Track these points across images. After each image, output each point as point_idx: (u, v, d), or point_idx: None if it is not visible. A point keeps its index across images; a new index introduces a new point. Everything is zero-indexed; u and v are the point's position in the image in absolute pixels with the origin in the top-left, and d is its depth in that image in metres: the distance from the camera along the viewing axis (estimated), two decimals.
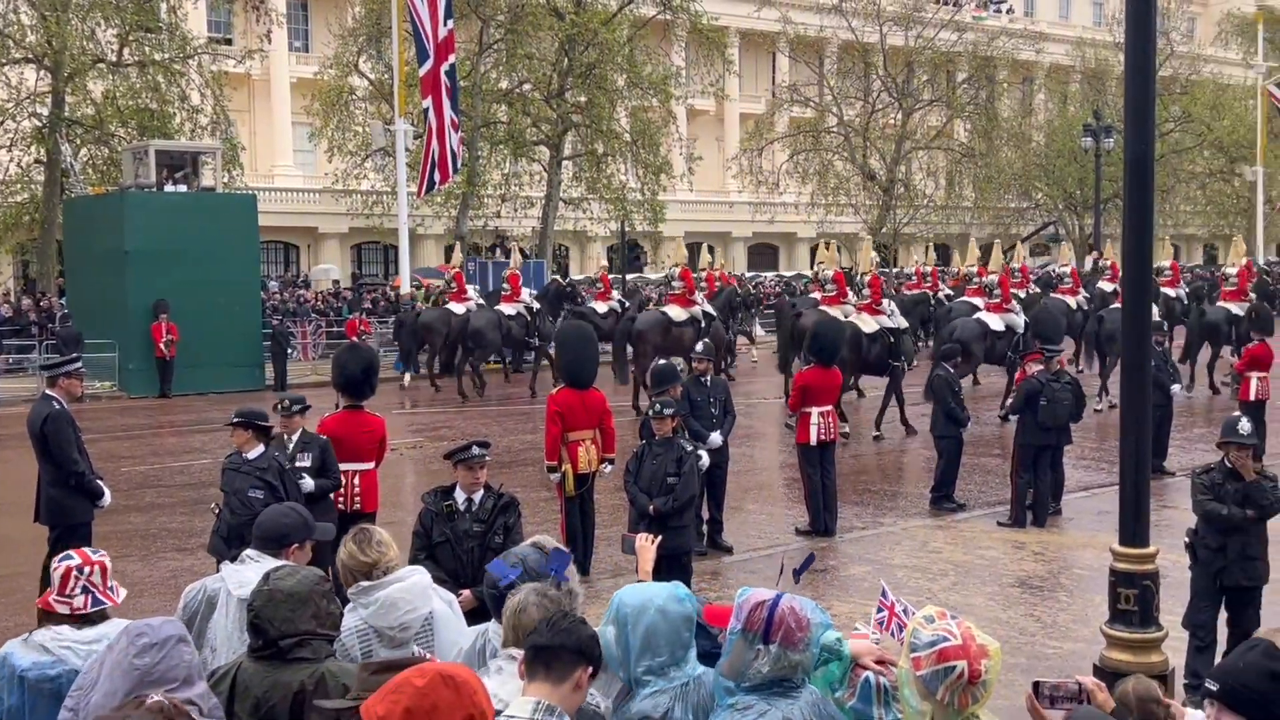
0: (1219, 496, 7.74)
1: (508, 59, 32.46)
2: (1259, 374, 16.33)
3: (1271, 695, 3.42)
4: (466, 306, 25.23)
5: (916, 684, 3.33)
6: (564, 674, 3.18)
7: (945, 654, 3.28)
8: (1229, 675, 3.53)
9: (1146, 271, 5.54)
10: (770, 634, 3.35)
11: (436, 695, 2.72)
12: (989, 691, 3.36)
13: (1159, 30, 56.37)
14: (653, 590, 3.72)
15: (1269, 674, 3.43)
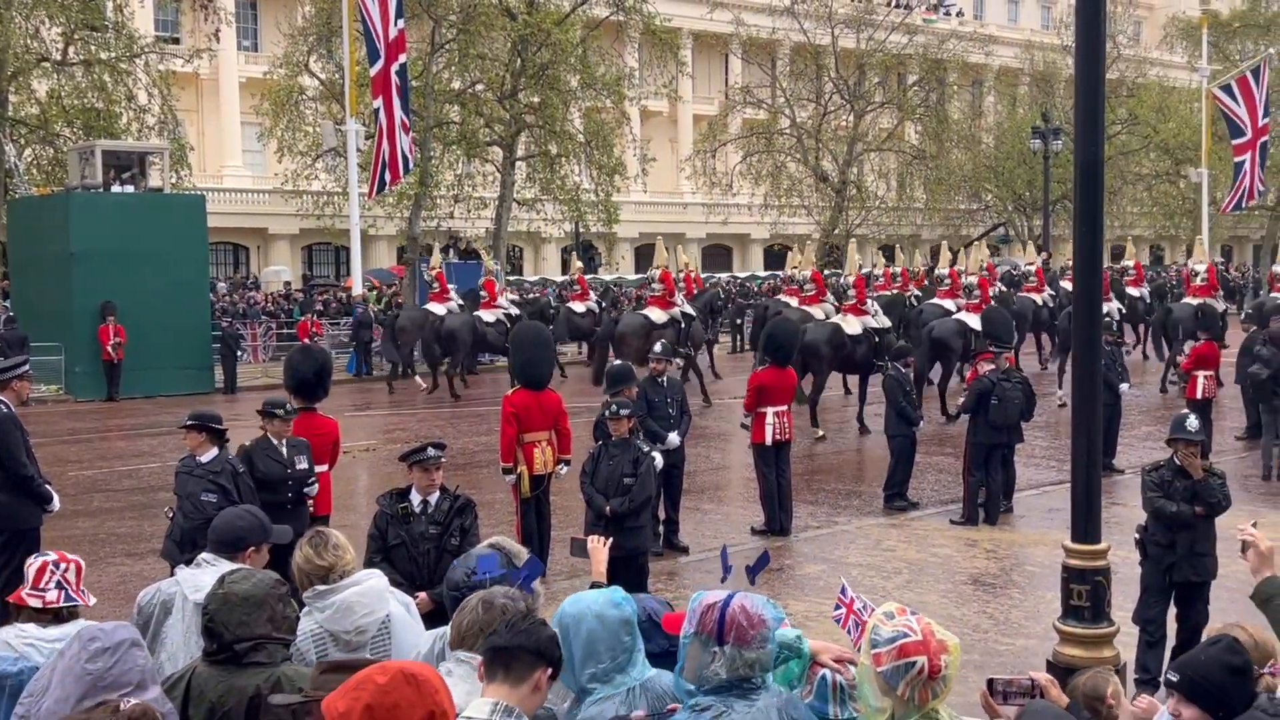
0: (1168, 494, 7.86)
1: (460, 59, 32.29)
2: (1205, 373, 16.59)
3: (1229, 688, 3.48)
4: (447, 307, 25.44)
5: (877, 680, 3.35)
6: (523, 675, 3.17)
7: (906, 649, 3.30)
8: (1190, 668, 3.60)
9: (1097, 272, 5.62)
10: (723, 635, 3.36)
11: (398, 693, 2.71)
12: (948, 687, 3.38)
13: (1107, 34, 57.20)
14: (589, 598, 3.73)
15: (1228, 668, 3.50)
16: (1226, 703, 3.47)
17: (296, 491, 8.70)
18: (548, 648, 3.25)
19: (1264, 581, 4.11)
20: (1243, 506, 13.24)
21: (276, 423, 8.73)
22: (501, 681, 3.16)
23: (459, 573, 4.32)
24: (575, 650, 3.59)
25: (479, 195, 34.57)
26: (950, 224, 54.38)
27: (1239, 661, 3.50)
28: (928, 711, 3.34)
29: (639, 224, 53.22)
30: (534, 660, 3.20)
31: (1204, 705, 3.50)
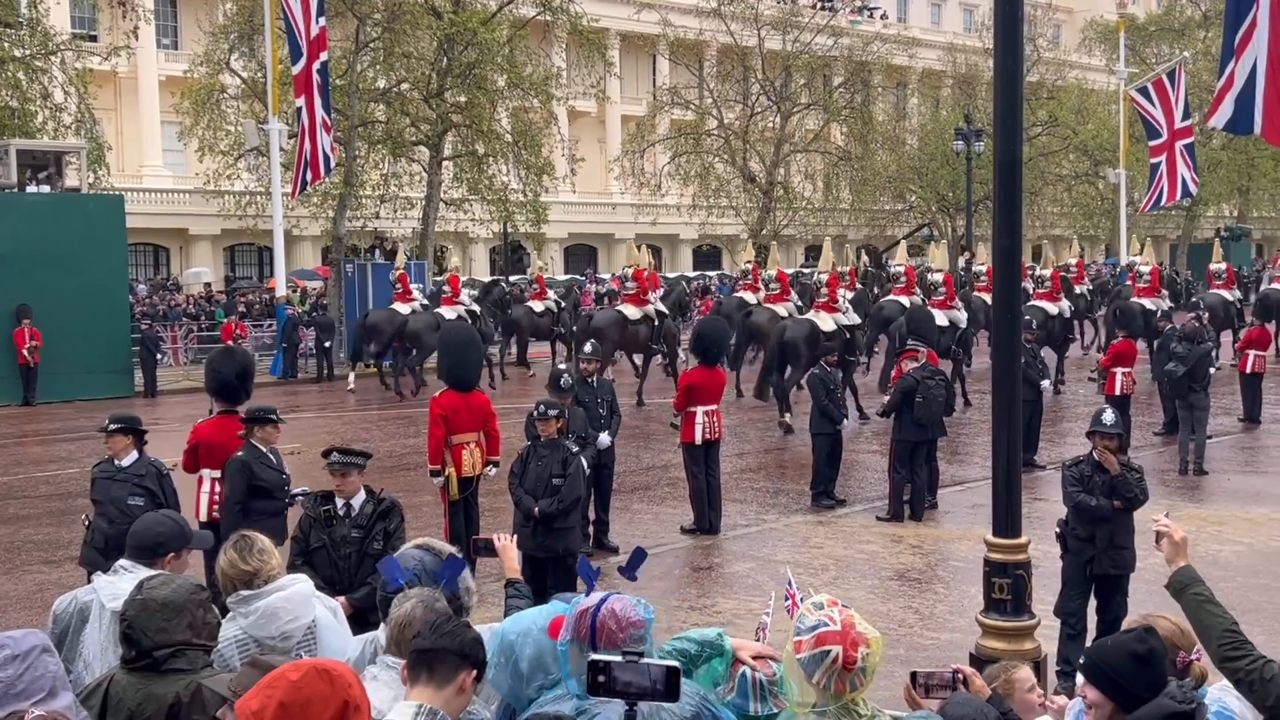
0: (1088, 488, 8.02)
1: (385, 58, 31.97)
2: (1123, 370, 16.97)
3: (1130, 674, 3.56)
4: (411, 307, 25.71)
5: (797, 667, 3.40)
6: (447, 677, 3.15)
7: (822, 639, 3.36)
8: (1097, 653, 3.68)
9: (1017, 269, 5.72)
10: (596, 640, 3.40)
11: (311, 689, 2.69)
12: (868, 679, 3.42)
13: (1026, 37, 57.85)
14: (530, 616, 3.73)
15: (1132, 654, 3.57)
16: (1129, 689, 3.55)
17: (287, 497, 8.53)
18: (472, 649, 3.23)
19: (1178, 571, 4.20)
20: (1160, 500, 13.56)
21: (268, 429, 8.52)
22: (425, 684, 3.14)
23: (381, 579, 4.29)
24: (523, 667, 3.59)
25: (405, 195, 34.22)
26: (876, 224, 54.98)
27: (1144, 649, 3.58)
28: (846, 703, 3.38)
29: (568, 224, 53.10)
30: (458, 662, 3.18)
31: (1107, 690, 3.57)
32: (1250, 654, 3.88)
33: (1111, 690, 3.57)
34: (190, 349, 31.35)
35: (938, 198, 50.45)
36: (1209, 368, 16.20)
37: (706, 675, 3.80)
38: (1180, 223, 53.94)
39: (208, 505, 9.39)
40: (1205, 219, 57.17)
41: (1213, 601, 4.08)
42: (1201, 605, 4.06)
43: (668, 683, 3.09)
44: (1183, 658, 3.84)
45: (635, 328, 22.95)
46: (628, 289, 24.33)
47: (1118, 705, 3.56)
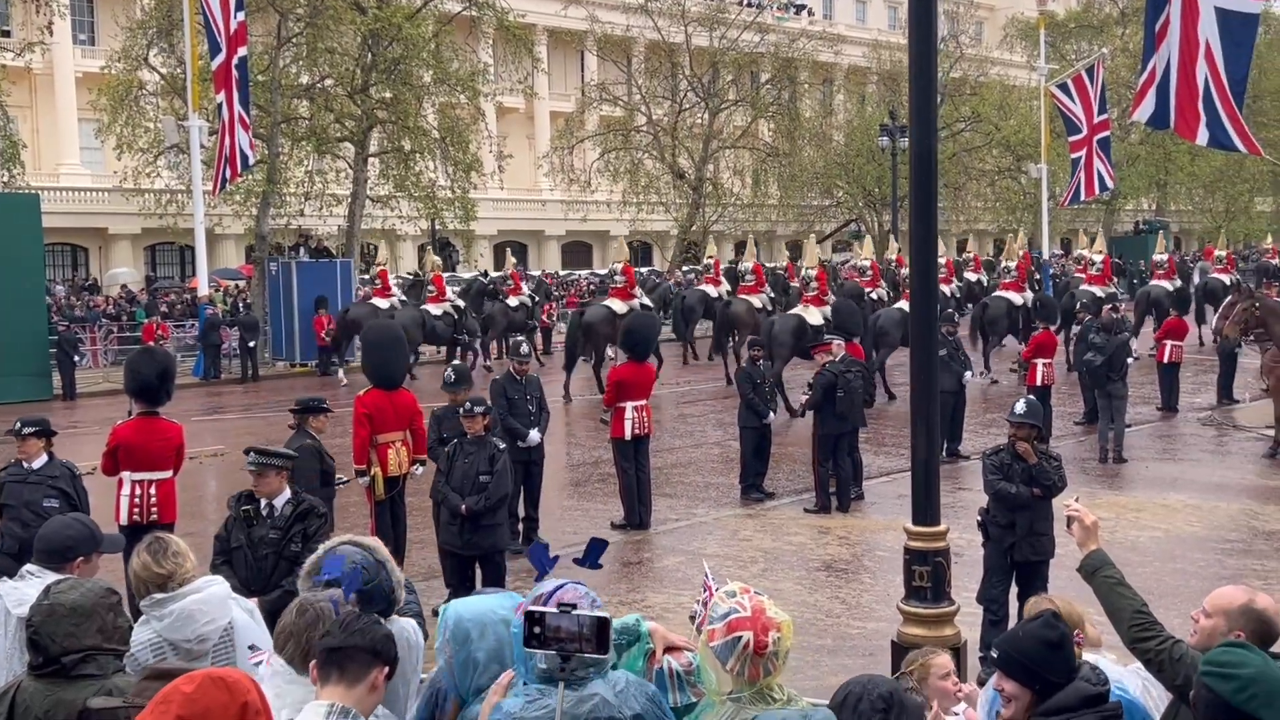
0: (1007, 476, 8.15)
1: (308, 53, 31.51)
2: (1044, 360, 17.26)
3: (1045, 661, 3.61)
4: (390, 302, 26.38)
5: (711, 656, 3.43)
6: (359, 675, 3.11)
7: (734, 626, 3.39)
8: (1006, 642, 3.73)
9: (932, 260, 5.78)
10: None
11: (208, 699, 2.63)
12: (781, 663, 3.46)
13: (949, 34, 58.50)
14: (490, 603, 3.68)
15: (1044, 642, 3.63)
16: (1043, 676, 3.60)
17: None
18: (384, 646, 3.20)
19: (1089, 555, 4.28)
20: (1081, 488, 13.81)
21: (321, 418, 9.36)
22: (336, 683, 3.10)
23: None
24: (478, 655, 3.53)
25: (331, 192, 33.78)
26: (804, 220, 55.42)
27: (1055, 636, 3.64)
28: (761, 688, 3.41)
29: (497, 221, 52.84)
30: (369, 660, 3.14)
31: (1024, 680, 3.62)
32: (1160, 635, 3.97)
33: (1029, 679, 3.62)
34: (110, 351, 30.71)
35: (864, 193, 50.93)
36: (1126, 358, 16.55)
37: (628, 664, 3.80)
38: (1100, 216, 54.96)
39: (128, 508, 9.23)
40: (1124, 212, 58.34)
41: (1123, 584, 4.16)
42: (1113, 588, 4.14)
43: (598, 634, 3.18)
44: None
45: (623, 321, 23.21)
46: (616, 283, 25.08)
47: (1035, 693, 3.62)
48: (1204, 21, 14.23)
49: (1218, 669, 3.03)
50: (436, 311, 26.08)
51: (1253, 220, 57.80)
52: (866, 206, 51.81)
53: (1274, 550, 11.51)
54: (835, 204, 55.24)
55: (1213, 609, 3.96)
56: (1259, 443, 17.03)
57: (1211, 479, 14.98)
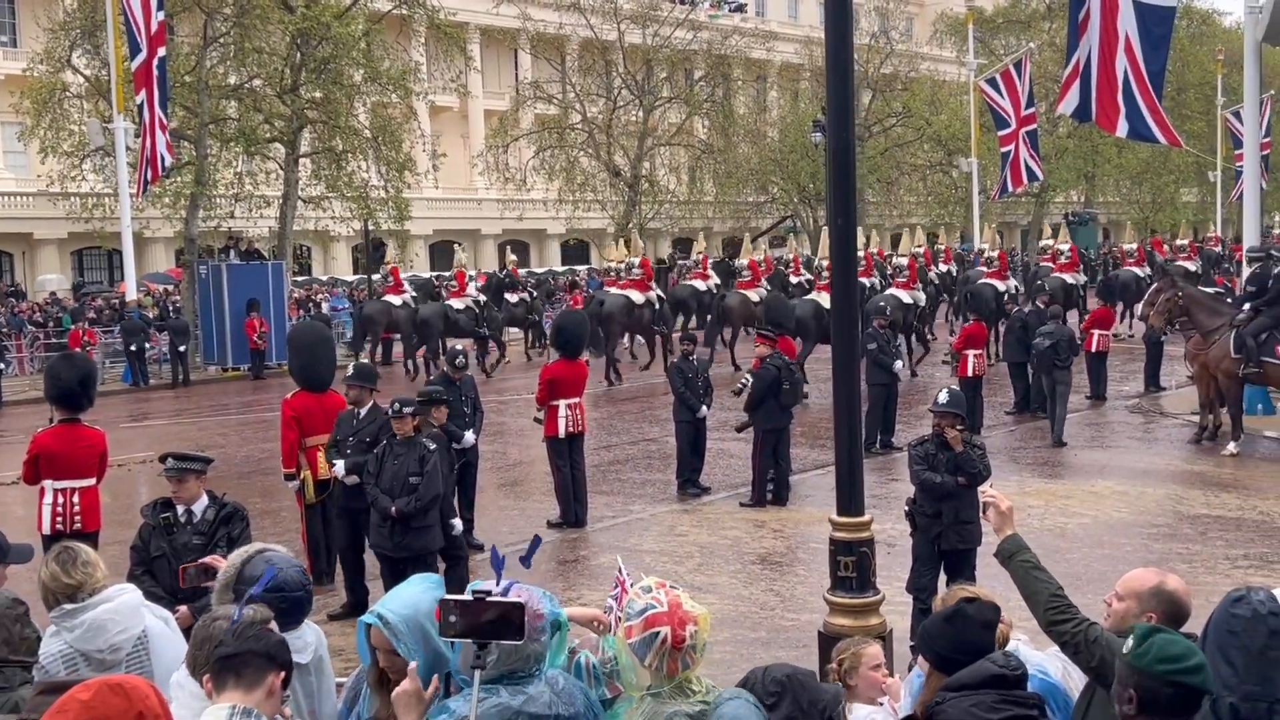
0: (933, 466, 8.23)
1: (235, 53, 31.06)
2: (975, 352, 17.48)
3: (939, 636, 3.67)
4: (403, 299, 27.34)
5: (629, 652, 3.42)
6: (255, 681, 3.06)
7: (651, 621, 3.39)
8: (926, 631, 3.76)
9: (852, 254, 5.81)
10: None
11: (105, 706, 2.58)
12: (698, 656, 3.47)
13: (880, 30, 58.85)
14: (413, 592, 3.60)
15: (941, 617, 3.68)
16: (941, 651, 3.66)
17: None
18: (278, 651, 3.15)
19: (1005, 540, 4.32)
20: (1011, 477, 14.06)
21: (440, 410, 9.89)
22: (233, 689, 3.05)
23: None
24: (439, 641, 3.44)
25: (261, 194, 33.34)
26: (740, 216, 55.65)
27: (950, 612, 3.69)
28: (680, 682, 3.41)
29: (433, 220, 52.50)
30: (265, 664, 3.09)
31: (929, 656, 3.67)
32: (1075, 618, 4.01)
33: (932, 656, 3.68)
34: (37, 358, 30.08)
35: (799, 189, 51.26)
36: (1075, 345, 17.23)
37: (550, 662, 3.77)
38: (1030, 209, 55.76)
39: (50, 518, 9.04)
40: (1054, 205, 59.23)
41: (1039, 568, 4.20)
42: (1029, 572, 4.18)
43: (514, 621, 3.14)
44: None
45: (640, 311, 25.38)
46: (633, 275, 26.32)
47: (935, 667, 3.67)
48: (1123, 15, 14.51)
49: (1177, 665, 3.05)
50: (459, 306, 26.87)
51: (1178, 210, 58.96)
52: (801, 202, 52.14)
53: (1199, 534, 11.74)
54: (771, 200, 55.53)
55: (1125, 592, 4.02)
56: (1185, 429, 17.38)
57: (1139, 465, 15.25)
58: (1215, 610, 3.43)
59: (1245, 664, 3.32)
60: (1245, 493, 13.47)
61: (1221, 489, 13.72)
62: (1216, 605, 3.46)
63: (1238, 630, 3.34)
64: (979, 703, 3.49)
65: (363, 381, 10.16)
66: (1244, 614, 3.34)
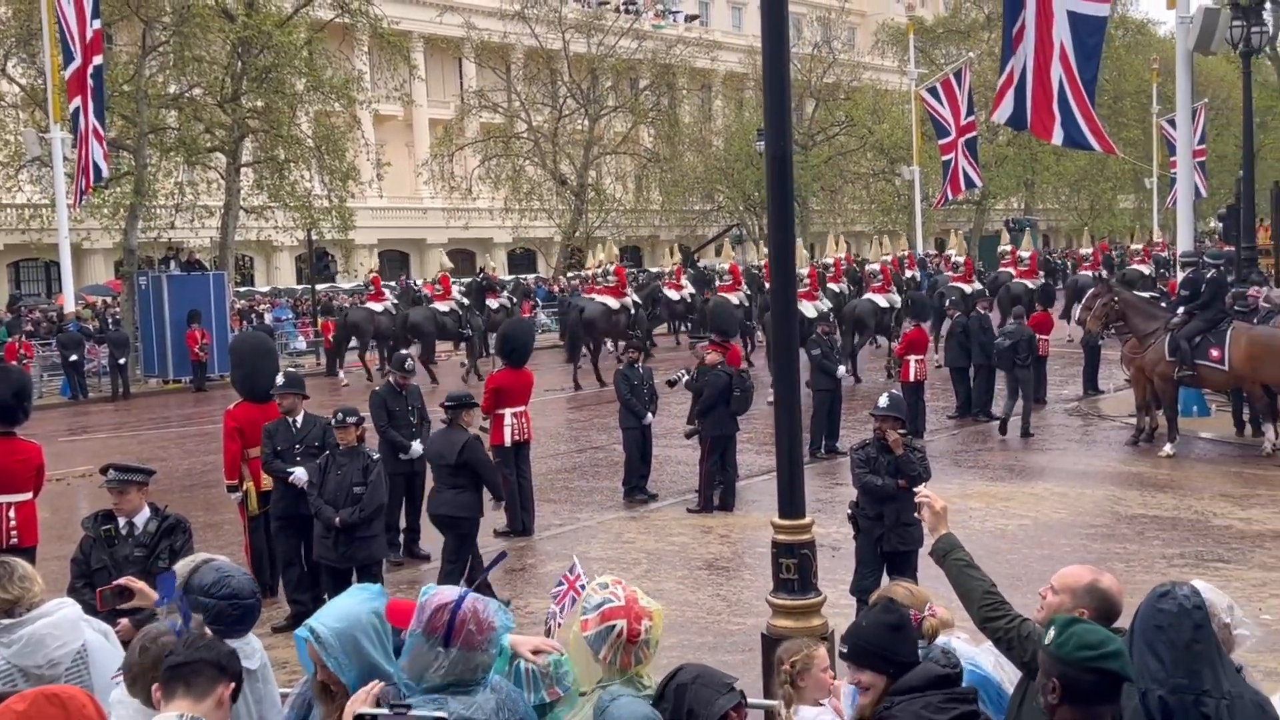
0: (874, 469, 8.34)
1: (175, 62, 30.70)
2: (916, 357, 17.68)
3: (892, 645, 3.71)
4: (384, 306, 28.13)
5: (584, 646, 3.47)
6: (205, 690, 3.05)
7: (607, 614, 3.45)
8: (856, 636, 3.82)
9: (791, 262, 5.88)
10: (451, 638, 3.32)
11: (42, 717, 2.56)
12: (651, 652, 3.52)
13: (822, 40, 59.24)
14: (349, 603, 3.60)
15: (887, 626, 3.73)
16: (894, 659, 3.71)
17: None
18: (229, 662, 3.15)
19: (940, 539, 4.41)
20: (953, 480, 14.25)
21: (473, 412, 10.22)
22: (183, 698, 3.04)
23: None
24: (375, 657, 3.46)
25: (202, 204, 32.95)
26: (686, 224, 55.84)
27: (895, 619, 3.75)
28: (631, 676, 3.46)
29: (378, 230, 52.17)
30: (215, 674, 3.09)
31: (877, 667, 3.72)
32: (1008, 614, 4.10)
33: (881, 666, 3.72)
34: None
35: (744, 197, 51.55)
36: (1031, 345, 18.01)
37: (496, 669, 3.80)
38: (971, 216, 56.48)
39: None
40: (994, 211, 60.02)
41: (973, 566, 4.29)
42: (963, 570, 4.27)
43: None
44: (914, 615, 4.04)
45: (616, 316, 26.52)
46: (608, 282, 27.52)
47: (889, 677, 3.71)
48: (1058, 24, 14.76)
49: (1096, 651, 3.13)
50: (444, 309, 27.88)
51: (1116, 217, 60.00)
52: (747, 211, 52.43)
53: (1136, 534, 11.96)
54: (717, 208, 55.80)
55: (1060, 586, 4.11)
56: (1122, 431, 17.68)
57: (1077, 467, 15.50)
58: (1141, 606, 3.52)
59: (1173, 658, 3.41)
60: (1181, 493, 13.74)
61: (1158, 489, 13.98)
62: (1142, 601, 3.55)
63: (1164, 625, 3.43)
64: (928, 704, 3.56)
65: (295, 389, 10.13)
66: (1170, 609, 3.44)
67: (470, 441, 9.87)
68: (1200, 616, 3.46)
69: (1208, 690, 3.41)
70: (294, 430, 9.93)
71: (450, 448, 9.85)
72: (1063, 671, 3.13)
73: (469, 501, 9.89)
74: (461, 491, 9.87)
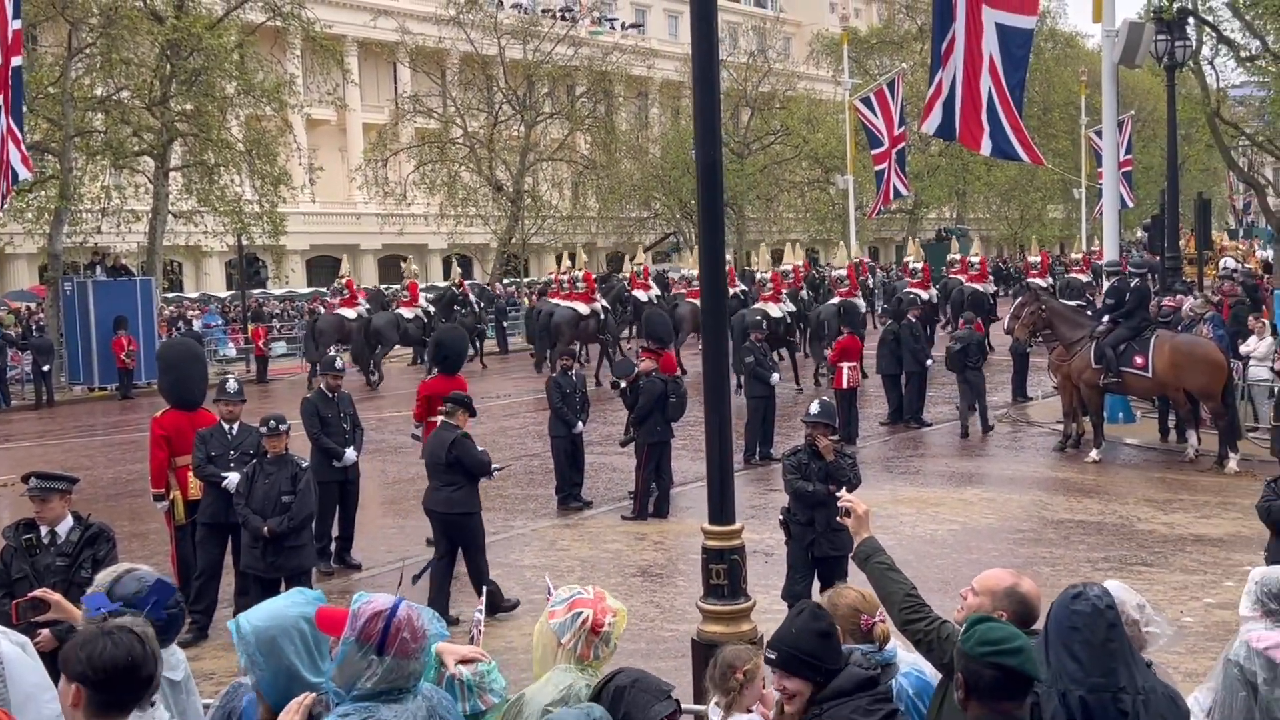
0: (805, 475, 8.41)
1: (102, 64, 30.13)
2: (849, 364, 17.86)
3: (819, 652, 3.74)
4: (357, 311, 28.77)
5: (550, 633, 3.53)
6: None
7: (575, 604, 3.55)
8: (783, 642, 3.84)
9: (721, 269, 5.92)
10: (385, 646, 3.29)
11: None
12: (610, 649, 3.56)
13: (758, 49, 59.66)
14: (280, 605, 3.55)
15: (815, 633, 3.76)
16: (824, 665, 3.74)
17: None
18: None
19: (862, 542, 4.45)
20: (883, 485, 14.40)
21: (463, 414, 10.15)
22: None
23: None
24: (291, 660, 3.41)
25: (130, 208, 32.34)
26: (624, 231, 55.91)
27: (824, 626, 3.78)
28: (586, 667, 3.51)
29: (310, 235, 51.65)
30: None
31: (804, 674, 3.75)
32: (928, 616, 4.15)
33: (809, 673, 3.74)
34: None
35: (681, 205, 51.72)
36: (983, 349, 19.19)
37: (425, 676, 3.78)
38: (904, 224, 57.17)
39: None
40: (927, 220, 60.84)
41: (894, 569, 4.34)
42: (884, 573, 4.31)
43: None
44: (866, 620, 4.08)
45: (586, 321, 27.19)
46: (577, 288, 28.28)
47: (816, 685, 3.74)
48: (987, 37, 15.01)
49: (996, 647, 3.17)
50: (409, 315, 28.73)
51: (1045, 227, 61.08)
52: (684, 218, 52.62)
53: (1062, 539, 12.17)
54: (653, 215, 55.94)
55: (980, 589, 4.17)
56: (1049, 437, 17.98)
57: (1005, 473, 15.74)
58: (1054, 608, 3.58)
59: (1089, 657, 3.49)
60: (1106, 498, 14.01)
61: (1084, 494, 14.24)
62: (1053, 604, 3.62)
63: (1080, 625, 3.50)
64: (856, 708, 3.60)
65: (239, 399, 10.03)
66: (1084, 610, 3.51)
67: (458, 439, 9.91)
68: (1113, 616, 3.54)
69: (1124, 687, 3.50)
70: (229, 437, 9.80)
71: (441, 446, 9.96)
72: (966, 666, 3.19)
73: (462, 498, 9.91)
74: (456, 489, 9.91)
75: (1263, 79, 26.76)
